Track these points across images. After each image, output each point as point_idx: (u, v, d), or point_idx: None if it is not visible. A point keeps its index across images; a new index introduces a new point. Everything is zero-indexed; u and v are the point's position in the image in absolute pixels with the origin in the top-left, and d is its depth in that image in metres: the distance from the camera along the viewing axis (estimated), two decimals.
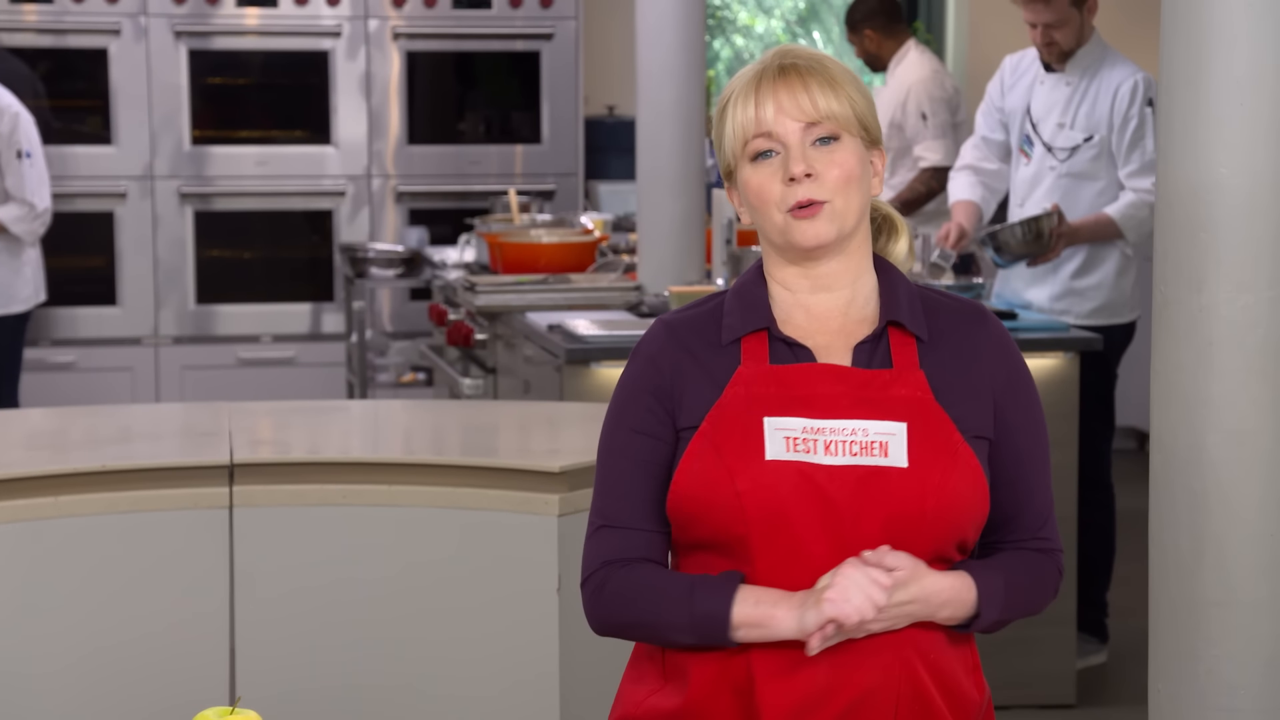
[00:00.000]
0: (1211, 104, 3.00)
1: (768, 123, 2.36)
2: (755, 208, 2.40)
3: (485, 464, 3.78)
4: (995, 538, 2.46)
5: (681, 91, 5.74)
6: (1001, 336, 2.46)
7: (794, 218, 2.36)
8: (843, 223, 2.38)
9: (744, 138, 2.38)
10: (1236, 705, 3.06)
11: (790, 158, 2.36)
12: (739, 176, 2.42)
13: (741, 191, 2.42)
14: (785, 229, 2.38)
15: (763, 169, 2.38)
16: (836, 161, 2.36)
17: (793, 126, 2.36)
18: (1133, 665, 5.31)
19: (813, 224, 2.36)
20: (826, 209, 2.36)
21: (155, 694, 3.68)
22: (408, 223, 8.25)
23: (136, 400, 8.00)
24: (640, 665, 2.49)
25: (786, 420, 2.34)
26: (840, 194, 2.37)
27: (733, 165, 2.42)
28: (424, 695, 3.76)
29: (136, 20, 8.01)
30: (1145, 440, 8.45)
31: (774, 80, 2.37)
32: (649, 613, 2.39)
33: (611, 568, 2.42)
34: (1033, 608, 2.45)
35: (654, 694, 2.44)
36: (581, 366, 5.02)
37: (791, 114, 2.36)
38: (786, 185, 2.36)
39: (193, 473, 3.72)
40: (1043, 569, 2.45)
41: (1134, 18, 8.46)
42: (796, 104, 2.36)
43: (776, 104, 2.36)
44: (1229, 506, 3.04)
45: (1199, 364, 3.05)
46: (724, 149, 2.42)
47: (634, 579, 2.40)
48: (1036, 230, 5.47)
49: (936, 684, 2.38)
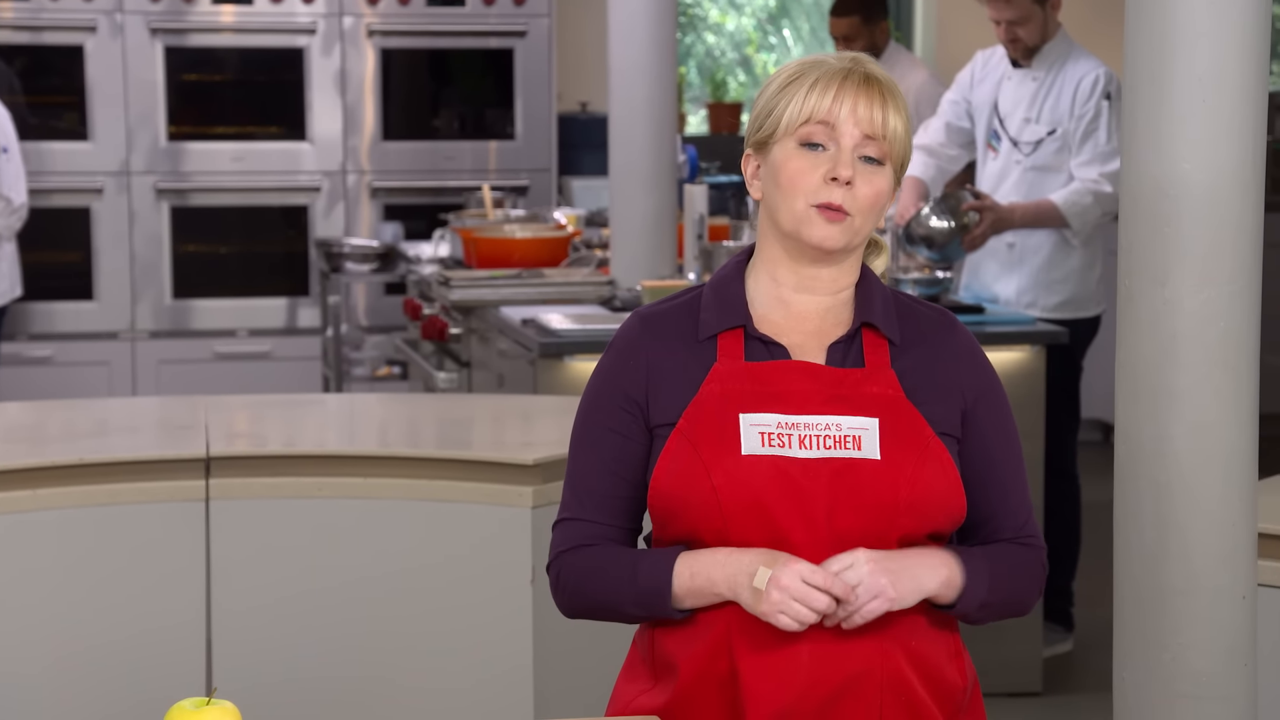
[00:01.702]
0: (1175, 100, 3.04)
1: (837, 117, 2.38)
2: (782, 187, 2.41)
3: (460, 457, 3.80)
4: (975, 539, 2.49)
5: (653, 88, 5.77)
6: (971, 344, 2.50)
7: (818, 212, 2.39)
8: (853, 239, 2.42)
9: (804, 118, 2.39)
10: (1200, 692, 3.09)
11: (841, 160, 2.38)
12: (773, 151, 2.42)
13: (771, 166, 2.43)
14: (803, 219, 2.40)
15: (807, 156, 2.39)
16: (874, 183, 2.40)
17: (854, 133, 2.39)
18: (1098, 653, 5.36)
19: (830, 228, 2.39)
20: (848, 222, 2.40)
21: (132, 685, 3.70)
22: (383, 218, 8.26)
23: (113, 394, 8.00)
24: (633, 663, 2.53)
25: (762, 416, 2.38)
26: (864, 214, 2.41)
27: (770, 137, 2.43)
28: (399, 686, 3.79)
29: (112, 17, 8.02)
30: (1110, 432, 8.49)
31: (858, 84, 2.39)
32: (601, 593, 2.45)
33: (566, 554, 2.47)
34: (1017, 594, 2.48)
35: (644, 693, 2.48)
36: (555, 360, 5.06)
37: (862, 122, 2.39)
38: (826, 183, 2.38)
39: (169, 466, 3.74)
40: (1024, 558, 2.49)
41: (1100, 14, 8.51)
42: (870, 114, 2.39)
43: (853, 105, 2.38)
44: (1192, 497, 3.07)
45: (1163, 357, 3.09)
46: (769, 119, 2.42)
47: (584, 562, 2.46)
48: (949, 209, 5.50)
49: (918, 672, 2.41)
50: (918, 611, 2.41)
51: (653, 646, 2.47)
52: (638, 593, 2.41)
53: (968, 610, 2.44)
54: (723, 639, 2.39)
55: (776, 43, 10.39)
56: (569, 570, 2.48)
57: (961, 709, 2.48)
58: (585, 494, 2.47)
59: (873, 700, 2.39)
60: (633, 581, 2.42)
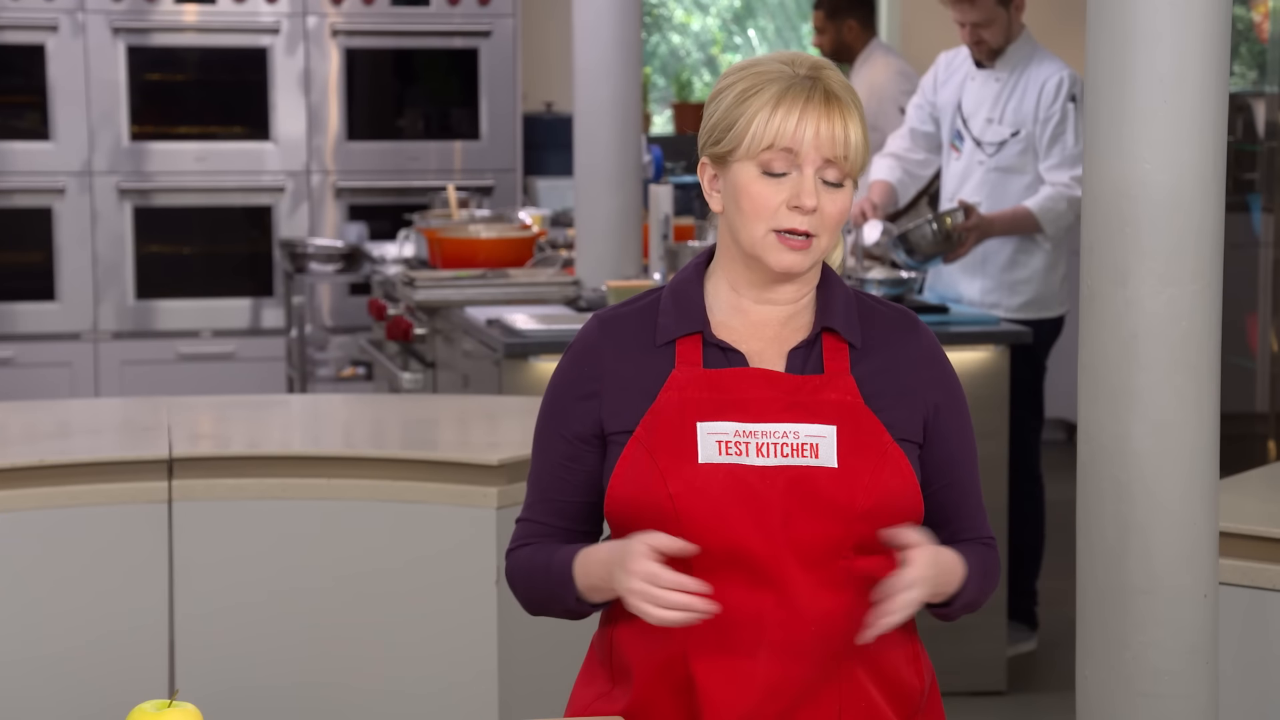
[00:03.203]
0: (1136, 100, 3.05)
1: (801, 143, 2.34)
2: (744, 212, 2.37)
3: (424, 457, 3.80)
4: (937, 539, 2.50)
5: (618, 88, 5.77)
6: (933, 346, 2.49)
7: (779, 240, 2.36)
8: (818, 257, 2.40)
9: (767, 144, 2.34)
10: (1161, 691, 3.11)
11: (804, 188, 2.34)
12: (734, 170, 2.37)
13: (731, 186, 2.39)
14: (764, 245, 2.37)
15: (769, 183, 2.35)
16: (837, 202, 2.37)
17: (817, 159, 2.34)
18: (1062, 652, 5.37)
19: (794, 255, 2.37)
20: (814, 244, 2.38)
21: (94, 688, 3.69)
22: (347, 218, 8.25)
23: (75, 395, 7.97)
24: (591, 667, 2.53)
25: (719, 425, 2.37)
26: (829, 233, 2.38)
27: (729, 154, 2.37)
28: (362, 688, 3.78)
29: (74, 16, 7.99)
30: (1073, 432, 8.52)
31: (821, 105, 2.34)
32: (534, 590, 2.48)
33: (514, 552, 2.51)
34: (985, 592, 2.50)
35: (601, 697, 2.48)
36: (520, 360, 5.05)
37: (824, 147, 2.34)
38: (788, 209, 2.36)
39: (132, 467, 3.73)
40: (989, 559, 2.51)
41: (1063, 15, 8.54)
42: (832, 138, 2.34)
43: (816, 130, 2.34)
44: (1153, 496, 3.09)
45: (1124, 357, 3.10)
46: (729, 134, 2.37)
47: (519, 562, 2.49)
48: (945, 229, 5.53)
49: (874, 679, 2.42)
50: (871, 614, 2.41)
51: (611, 649, 2.48)
52: (552, 586, 2.44)
53: (954, 609, 2.45)
54: (679, 646, 2.39)
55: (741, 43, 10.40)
56: (511, 567, 2.51)
57: (919, 710, 2.48)
58: (540, 495, 2.49)
59: (830, 709, 2.39)
60: (547, 579, 2.45)
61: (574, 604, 2.44)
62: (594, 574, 2.39)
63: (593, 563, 2.40)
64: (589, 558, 2.41)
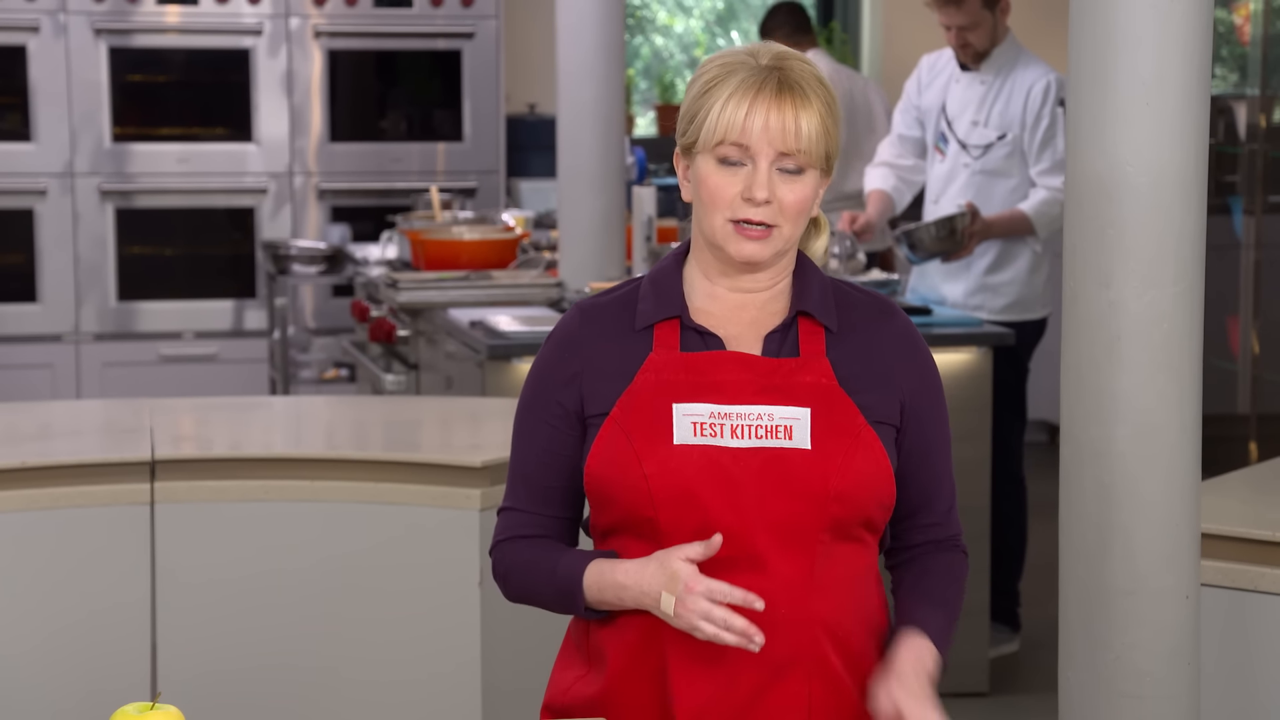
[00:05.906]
0: (1118, 102, 3.05)
1: (750, 136, 2.37)
2: (704, 202, 2.42)
3: (407, 459, 3.80)
4: (908, 525, 2.53)
5: (601, 90, 5.78)
6: (909, 330, 2.51)
7: (737, 231, 2.39)
8: (782, 246, 2.42)
9: (719, 138, 2.37)
10: (1143, 692, 3.11)
11: (756, 181, 2.37)
12: (697, 161, 2.42)
13: (695, 176, 2.43)
14: (724, 235, 2.41)
15: (724, 173, 2.39)
16: (796, 191, 2.39)
17: (769, 151, 2.37)
18: (1044, 654, 5.38)
19: (753, 244, 2.40)
20: (774, 234, 2.40)
21: (76, 689, 3.68)
22: (330, 220, 8.24)
23: (57, 397, 7.96)
24: (569, 651, 2.55)
25: (694, 406, 2.40)
26: (790, 222, 2.40)
27: (693, 145, 2.42)
28: (346, 691, 3.78)
29: (55, 17, 7.97)
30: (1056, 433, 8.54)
31: (772, 97, 2.37)
32: (527, 586, 2.50)
33: (503, 544, 2.51)
34: (960, 609, 2.54)
35: (578, 681, 2.50)
36: (503, 362, 5.05)
37: (775, 139, 2.36)
38: (742, 200, 2.38)
39: (114, 469, 3.73)
40: (961, 571, 2.54)
41: (1047, 16, 8.55)
42: (783, 130, 2.36)
43: (765, 123, 2.36)
44: (1136, 498, 3.09)
45: (1107, 358, 3.10)
46: (691, 125, 2.41)
47: (516, 555, 2.50)
48: (950, 228, 5.55)
49: (842, 658, 2.44)
50: (843, 595, 2.43)
51: (586, 634, 2.51)
52: (556, 593, 2.46)
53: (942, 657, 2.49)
54: (653, 630, 2.42)
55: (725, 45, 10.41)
56: (502, 560, 2.52)
57: None
58: (523, 484, 2.51)
59: (800, 689, 2.42)
60: (551, 583, 2.46)
61: (581, 612, 2.45)
62: (621, 597, 2.39)
63: (610, 584, 2.40)
64: (605, 577, 2.41)
